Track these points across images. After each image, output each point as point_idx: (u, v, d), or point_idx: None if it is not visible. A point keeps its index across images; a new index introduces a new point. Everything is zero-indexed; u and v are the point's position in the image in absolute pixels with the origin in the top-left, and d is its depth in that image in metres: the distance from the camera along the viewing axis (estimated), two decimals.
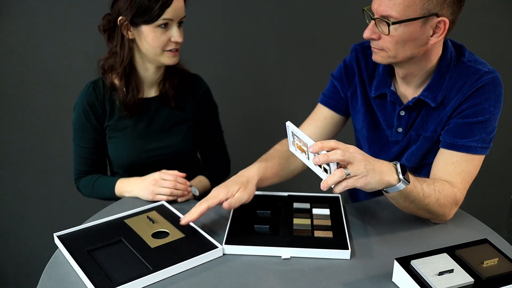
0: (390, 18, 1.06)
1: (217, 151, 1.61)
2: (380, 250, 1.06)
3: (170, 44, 1.33)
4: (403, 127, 1.25)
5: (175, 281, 0.96)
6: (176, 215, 1.19)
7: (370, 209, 1.24)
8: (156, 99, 1.45)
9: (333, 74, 1.38)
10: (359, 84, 1.30)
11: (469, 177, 1.15)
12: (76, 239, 1.07)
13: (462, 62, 1.16)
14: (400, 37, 1.08)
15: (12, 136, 2.13)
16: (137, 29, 1.32)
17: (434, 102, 1.17)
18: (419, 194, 1.04)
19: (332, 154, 0.90)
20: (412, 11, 1.05)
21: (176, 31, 1.32)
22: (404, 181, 0.98)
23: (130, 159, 1.43)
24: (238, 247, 1.05)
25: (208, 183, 1.51)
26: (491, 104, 1.11)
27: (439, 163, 1.16)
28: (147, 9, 1.27)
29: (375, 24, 1.10)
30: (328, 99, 1.37)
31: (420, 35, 1.08)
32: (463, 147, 1.13)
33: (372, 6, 1.10)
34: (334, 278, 0.96)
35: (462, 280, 0.88)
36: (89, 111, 1.40)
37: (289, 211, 1.20)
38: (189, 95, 1.50)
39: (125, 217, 1.17)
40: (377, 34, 1.11)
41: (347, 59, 1.35)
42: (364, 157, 0.94)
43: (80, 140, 1.43)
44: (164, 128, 1.46)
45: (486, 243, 1.00)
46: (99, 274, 0.95)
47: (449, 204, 1.10)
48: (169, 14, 1.29)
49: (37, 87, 2.08)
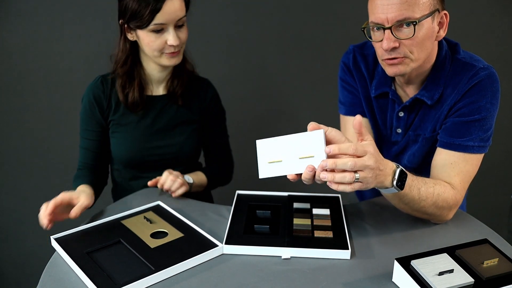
0: (411, 18, 1.04)
1: (221, 157, 1.59)
2: (380, 250, 1.06)
3: (167, 47, 1.31)
4: (402, 128, 1.25)
5: (175, 281, 0.96)
6: (173, 214, 1.19)
7: (370, 209, 1.24)
8: (164, 97, 1.44)
9: (341, 78, 1.33)
10: (360, 84, 1.29)
11: (468, 177, 1.15)
12: (74, 241, 1.07)
13: (457, 59, 1.16)
14: (422, 37, 1.07)
15: (12, 137, 2.13)
16: (135, 32, 1.31)
17: (430, 100, 1.17)
18: (414, 198, 1.05)
19: (341, 165, 0.89)
20: (426, 7, 1.05)
21: (172, 34, 1.28)
22: (396, 187, 0.98)
23: (129, 155, 1.42)
24: (238, 247, 1.05)
25: (205, 180, 1.49)
26: (488, 101, 1.11)
27: (437, 163, 1.16)
28: (137, 14, 1.25)
29: (391, 32, 1.07)
30: (350, 107, 1.32)
31: (432, 32, 1.09)
32: (460, 146, 1.13)
33: (378, 18, 1.07)
34: (334, 278, 0.96)
35: (462, 280, 0.88)
36: (94, 104, 1.40)
37: (289, 211, 1.20)
38: (196, 98, 1.48)
39: (121, 218, 1.17)
40: (397, 42, 1.08)
41: (344, 59, 1.32)
42: (375, 165, 0.92)
43: (84, 132, 1.44)
44: (168, 126, 1.45)
45: (486, 243, 1.00)
46: (101, 275, 0.95)
47: (448, 206, 1.10)
48: (161, 19, 1.25)
49: (37, 87, 2.07)
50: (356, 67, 1.29)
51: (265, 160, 0.98)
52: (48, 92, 2.08)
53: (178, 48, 1.33)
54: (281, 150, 0.97)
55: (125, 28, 1.32)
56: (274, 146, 0.97)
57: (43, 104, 2.10)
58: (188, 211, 1.23)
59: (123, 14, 1.29)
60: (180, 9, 1.28)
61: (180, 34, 1.31)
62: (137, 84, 1.39)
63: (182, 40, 1.33)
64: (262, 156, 0.99)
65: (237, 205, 1.24)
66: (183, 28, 1.33)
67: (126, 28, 1.32)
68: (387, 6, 1.05)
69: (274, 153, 0.97)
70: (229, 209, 1.23)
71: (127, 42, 1.35)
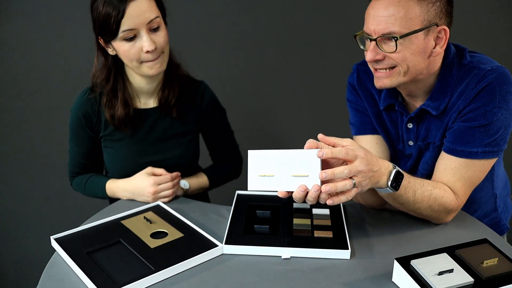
0: (394, 34, 1.03)
1: (228, 156, 1.57)
2: (380, 250, 1.06)
3: (144, 55, 1.21)
4: (413, 139, 1.23)
5: (175, 281, 0.96)
6: (173, 215, 1.19)
7: (370, 209, 1.24)
8: (156, 109, 1.37)
9: (348, 99, 1.32)
10: (367, 103, 1.27)
11: (470, 183, 1.13)
12: (73, 241, 1.07)
13: (463, 65, 1.12)
14: (407, 52, 1.05)
15: (12, 137, 2.13)
16: (111, 45, 1.24)
17: (436, 111, 1.13)
18: (409, 199, 1.05)
19: (339, 173, 0.90)
20: (415, 23, 1.03)
21: (145, 39, 1.18)
22: (391, 188, 0.99)
23: (125, 171, 1.37)
24: (238, 247, 1.05)
25: (206, 182, 1.47)
26: (495, 105, 1.06)
27: (439, 167, 1.15)
28: (105, 23, 1.17)
29: (376, 45, 1.07)
30: (360, 126, 1.30)
31: (424, 47, 1.06)
32: (463, 152, 1.10)
33: (368, 28, 1.07)
34: (334, 278, 0.96)
35: (462, 280, 0.88)
36: (82, 121, 1.34)
37: (289, 211, 1.20)
38: (192, 105, 1.41)
39: (121, 218, 1.17)
40: (381, 54, 1.07)
41: (350, 80, 1.30)
42: (367, 168, 0.92)
43: (74, 144, 1.40)
44: (162, 140, 1.38)
45: (486, 243, 0.99)
46: (101, 275, 0.95)
47: (445, 210, 1.10)
48: (128, 24, 1.16)
49: (37, 87, 2.08)
50: (361, 86, 1.27)
51: (256, 172, 0.96)
52: (48, 92, 2.08)
53: (157, 55, 1.22)
54: (274, 164, 0.94)
55: (102, 42, 1.25)
56: (267, 159, 0.95)
57: (43, 104, 2.10)
58: (188, 211, 1.23)
59: (94, 28, 1.23)
60: (148, 10, 1.18)
61: (155, 38, 1.21)
62: (120, 102, 1.31)
63: (160, 44, 1.22)
64: (253, 168, 0.96)
65: (237, 205, 1.24)
66: (159, 31, 1.22)
67: (103, 43, 1.25)
68: (377, 18, 1.05)
69: (267, 166, 0.95)
70: (229, 209, 1.23)
71: (108, 57, 1.28)
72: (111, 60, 1.29)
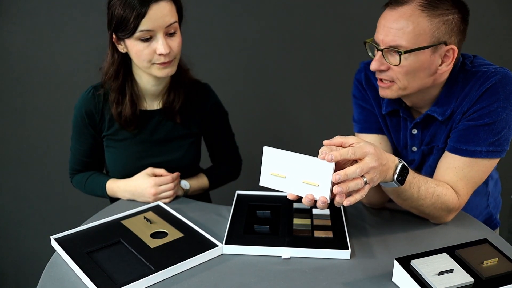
0: (400, 47, 1.03)
1: (228, 158, 1.57)
2: (380, 250, 1.06)
3: (157, 57, 1.21)
4: (417, 145, 1.22)
5: (175, 281, 0.96)
6: (173, 215, 1.19)
7: (370, 209, 1.24)
8: (159, 111, 1.37)
9: (355, 95, 1.30)
10: (374, 102, 1.26)
11: (472, 183, 1.12)
12: (73, 241, 1.07)
13: (466, 70, 1.13)
14: (410, 67, 1.05)
15: (12, 137, 2.13)
16: (124, 42, 1.24)
17: (442, 116, 1.13)
18: (413, 195, 1.05)
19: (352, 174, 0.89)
20: (422, 40, 1.03)
21: (161, 42, 1.18)
22: (396, 182, 0.98)
23: (126, 171, 1.36)
24: (238, 247, 1.05)
25: (206, 183, 1.48)
26: (500, 105, 1.06)
27: (441, 166, 1.14)
28: (123, 21, 1.17)
29: (382, 55, 1.06)
30: (364, 124, 1.29)
31: (429, 65, 1.06)
32: (466, 151, 1.10)
33: (377, 37, 1.07)
34: (334, 278, 0.96)
35: (462, 280, 0.88)
36: (86, 120, 1.34)
37: (289, 211, 1.20)
38: (195, 109, 1.41)
39: (121, 218, 1.17)
40: (386, 65, 1.07)
41: (357, 76, 1.29)
42: (378, 163, 0.91)
43: (76, 141, 1.40)
44: (165, 142, 1.39)
45: (486, 243, 1.00)
46: (101, 275, 0.95)
47: (447, 209, 1.10)
48: (147, 25, 1.17)
49: (37, 87, 2.08)
50: (369, 85, 1.26)
51: (269, 170, 0.96)
52: (48, 92, 2.08)
53: (169, 58, 1.22)
54: (287, 166, 0.94)
55: (114, 39, 1.25)
56: (281, 159, 0.94)
57: (43, 104, 2.10)
58: (188, 211, 1.23)
59: (110, 24, 1.23)
60: (169, 14, 1.19)
61: (171, 42, 1.21)
62: (128, 100, 1.31)
63: (174, 49, 1.22)
64: (266, 165, 0.96)
65: (237, 205, 1.24)
66: (175, 36, 1.23)
67: (116, 39, 1.25)
68: (386, 28, 1.05)
69: (280, 166, 0.95)
70: (229, 209, 1.23)
71: (117, 54, 1.28)
72: (120, 58, 1.29)
